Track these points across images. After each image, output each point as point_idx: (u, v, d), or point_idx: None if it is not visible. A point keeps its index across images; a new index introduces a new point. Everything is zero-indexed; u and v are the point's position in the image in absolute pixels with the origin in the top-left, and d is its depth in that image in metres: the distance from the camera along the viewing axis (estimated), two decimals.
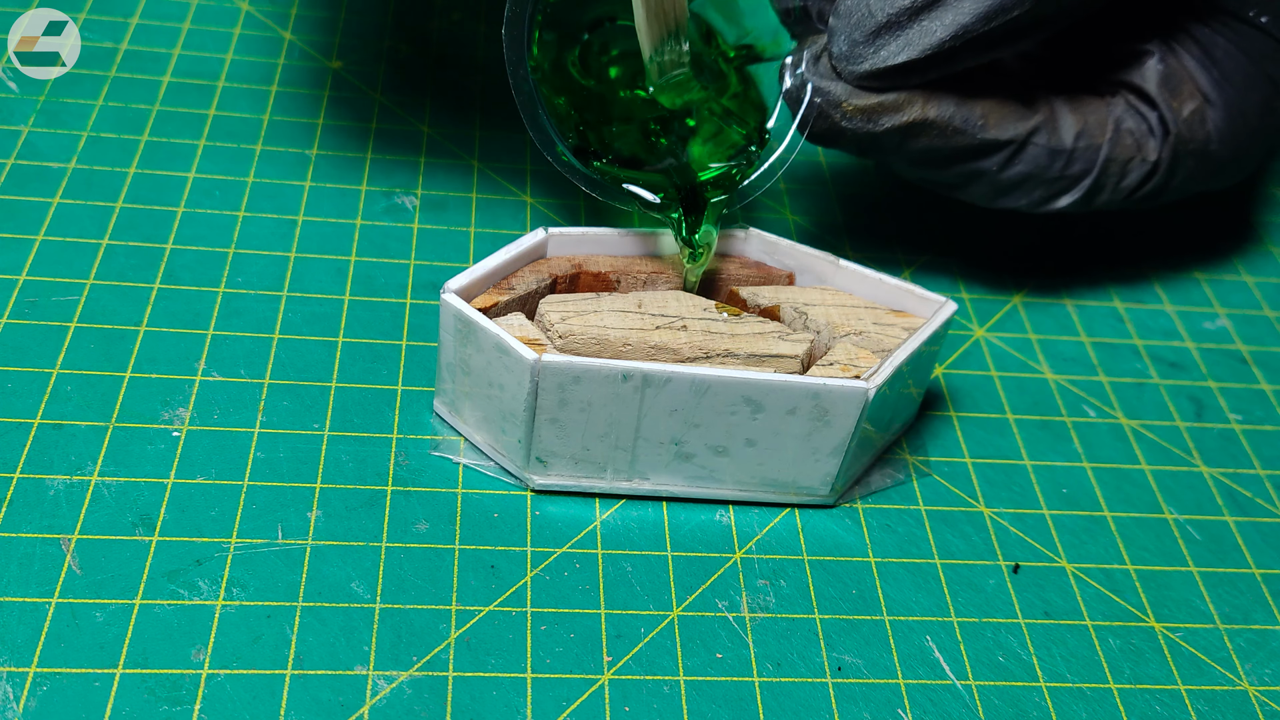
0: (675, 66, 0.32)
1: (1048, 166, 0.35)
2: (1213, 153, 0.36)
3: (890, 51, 0.32)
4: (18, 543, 0.28)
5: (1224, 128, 0.36)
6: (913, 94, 0.33)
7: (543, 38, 0.33)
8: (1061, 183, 0.35)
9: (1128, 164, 0.36)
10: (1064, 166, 0.35)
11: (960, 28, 0.31)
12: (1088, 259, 0.42)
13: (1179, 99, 0.36)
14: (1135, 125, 0.36)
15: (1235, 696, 0.30)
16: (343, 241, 0.37)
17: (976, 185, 0.35)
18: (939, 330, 0.32)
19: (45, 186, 0.37)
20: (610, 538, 0.31)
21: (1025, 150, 0.34)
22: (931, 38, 0.31)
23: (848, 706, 0.28)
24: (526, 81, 0.31)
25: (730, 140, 0.34)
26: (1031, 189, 0.35)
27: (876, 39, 0.32)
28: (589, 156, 0.32)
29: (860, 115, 0.33)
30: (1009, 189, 0.35)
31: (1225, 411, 0.37)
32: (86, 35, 0.43)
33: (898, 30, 0.32)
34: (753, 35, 0.35)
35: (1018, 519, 0.33)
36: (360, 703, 0.27)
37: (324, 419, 0.32)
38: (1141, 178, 0.36)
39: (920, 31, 0.31)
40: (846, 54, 0.32)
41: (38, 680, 0.26)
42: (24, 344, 0.33)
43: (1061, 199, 0.36)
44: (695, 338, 0.31)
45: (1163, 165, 0.36)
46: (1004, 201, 0.36)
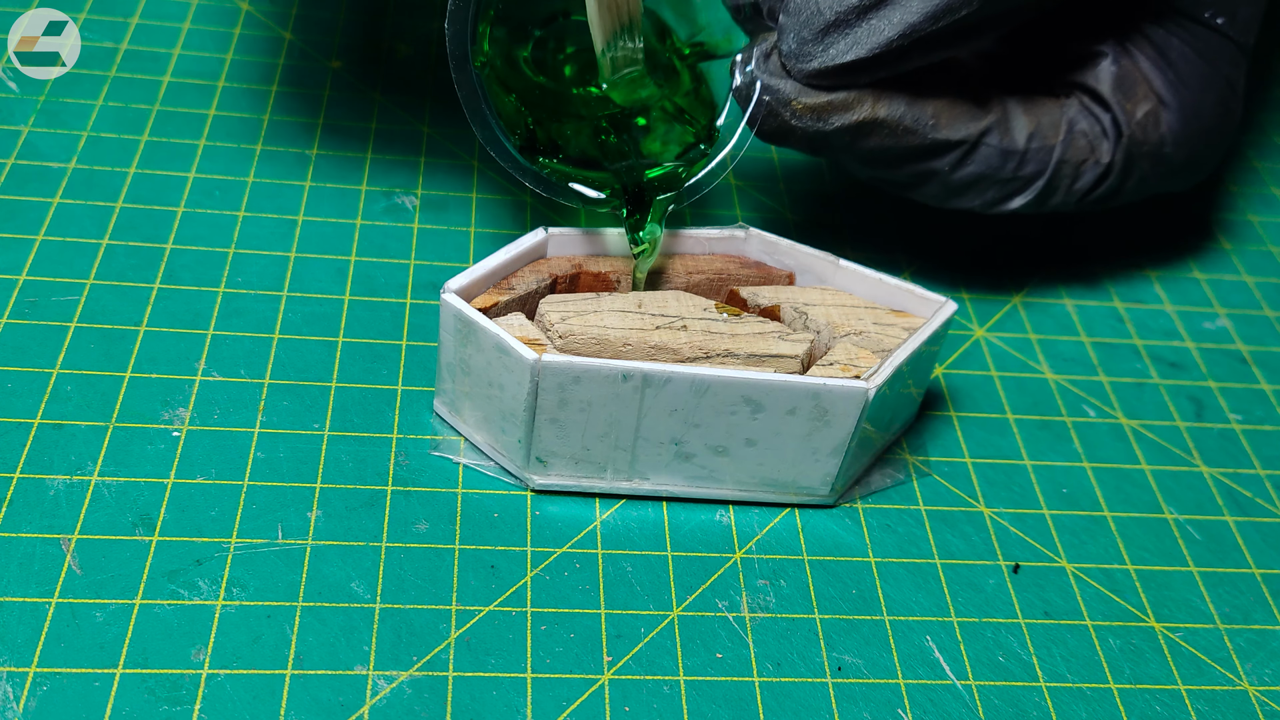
0: (628, 63, 0.32)
1: (1000, 167, 0.35)
2: (1167, 155, 0.36)
3: (839, 50, 0.32)
4: (18, 543, 0.28)
5: (1178, 130, 0.36)
6: (863, 93, 0.33)
7: (494, 34, 0.32)
8: (1014, 184, 0.35)
9: (1081, 166, 0.35)
10: (1016, 167, 0.35)
11: (908, 27, 0.31)
12: (1088, 259, 0.42)
13: (1132, 101, 0.35)
14: (1089, 127, 0.35)
15: (1235, 696, 0.30)
16: (343, 241, 0.37)
17: (928, 185, 0.35)
18: (939, 330, 0.32)
19: (45, 186, 0.37)
20: (610, 538, 0.31)
21: (977, 151, 0.34)
22: (880, 36, 0.31)
23: (848, 706, 0.28)
24: (470, 75, 0.31)
25: (680, 138, 0.34)
26: (984, 190, 0.35)
27: (825, 37, 0.32)
28: (536, 153, 0.32)
29: (810, 114, 0.32)
30: (961, 189, 0.35)
31: (1225, 411, 0.37)
32: (86, 35, 0.43)
33: (846, 29, 0.31)
34: (705, 32, 0.34)
35: (1018, 519, 0.33)
36: (360, 703, 0.27)
37: (324, 419, 0.32)
38: (1095, 179, 0.36)
39: (868, 30, 0.31)
40: (795, 52, 0.32)
41: (38, 680, 0.26)
42: (24, 344, 0.33)
43: (1014, 200, 0.36)
44: (695, 338, 0.31)
45: (1116, 167, 0.36)
46: (956, 202, 0.36)
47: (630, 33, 0.32)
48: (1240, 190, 0.46)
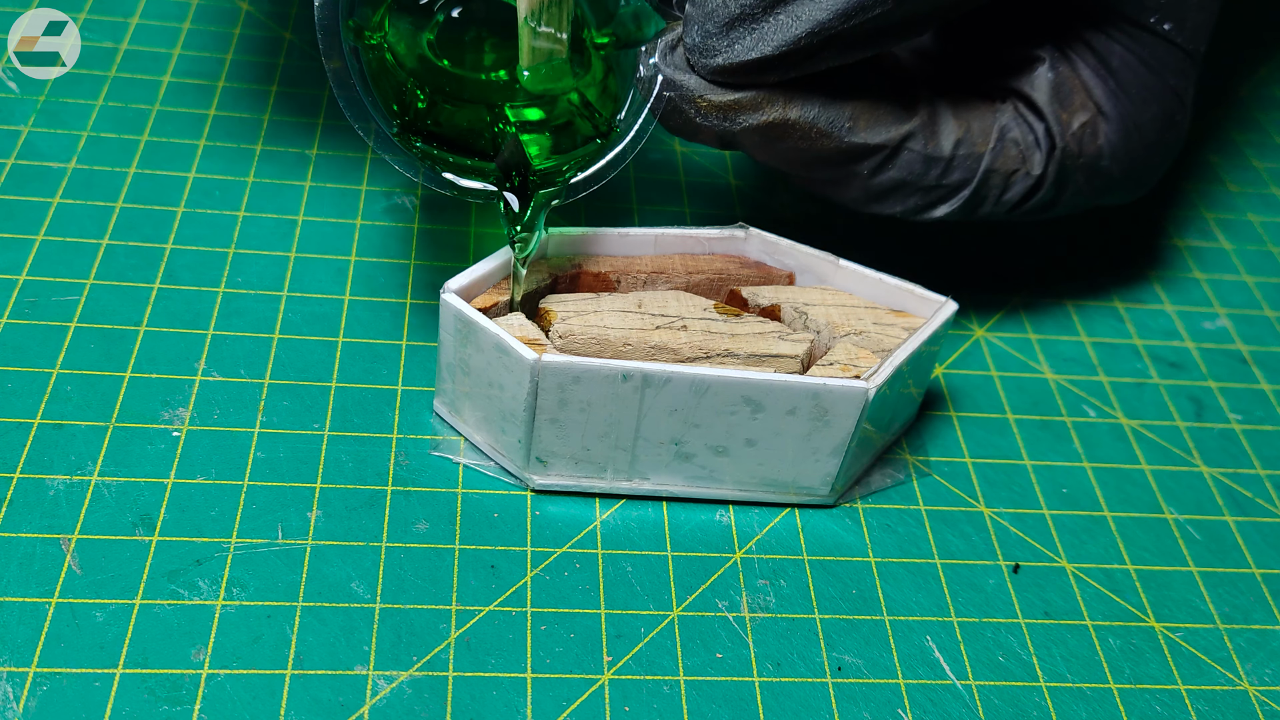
0: (551, 41, 0.30)
1: (923, 174, 0.33)
2: (1104, 168, 0.34)
3: (744, 46, 0.29)
4: (18, 543, 0.28)
5: (1117, 142, 0.34)
6: (773, 92, 0.30)
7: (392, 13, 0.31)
8: (939, 191, 0.33)
9: (1010, 176, 0.34)
10: (941, 175, 0.33)
11: (817, 24, 0.29)
12: (1088, 259, 0.42)
13: (1069, 111, 0.34)
14: (1021, 136, 0.34)
15: (1235, 696, 0.30)
16: (343, 241, 0.37)
17: (848, 189, 0.33)
18: (939, 330, 0.32)
19: (45, 186, 0.37)
20: (610, 538, 0.31)
21: (899, 156, 0.32)
22: (787, 33, 0.29)
23: (848, 706, 0.28)
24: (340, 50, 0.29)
25: (577, 131, 0.31)
26: (906, 196, 0.33)
27: (730, 31, 0.29)
28: (416, 136, 0.30)
29: (715, 112, 0.30)
30: (882, 195, 0.33)
31: (1225, 411, 0.37)
32: (86, 35, 0.43)
33: (751, 23, 0.29)
34: (618, 19, 0.32)
35: (1018, 519, 0.33)
36: (360, 703, 0.27)
37: (324, 419, 0.32)
38: (1025, 191, 0.34)
39: (775, 26, 0.29)
40: (700, 46, 0.30)
41: (38, 680, 0.26)
42: (24, 344, 0.33)
43: (939, 208, 0.34)
44: (695, 338, 0.31)
45: (1049, 180, 0.34)
46: (877, 208, 0.34)
47: (559, 5, 0.29)
48: (1240, 190, 0.46)
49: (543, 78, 0.30)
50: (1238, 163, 0.48)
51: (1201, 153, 0.48)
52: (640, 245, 0.34)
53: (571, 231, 0.33)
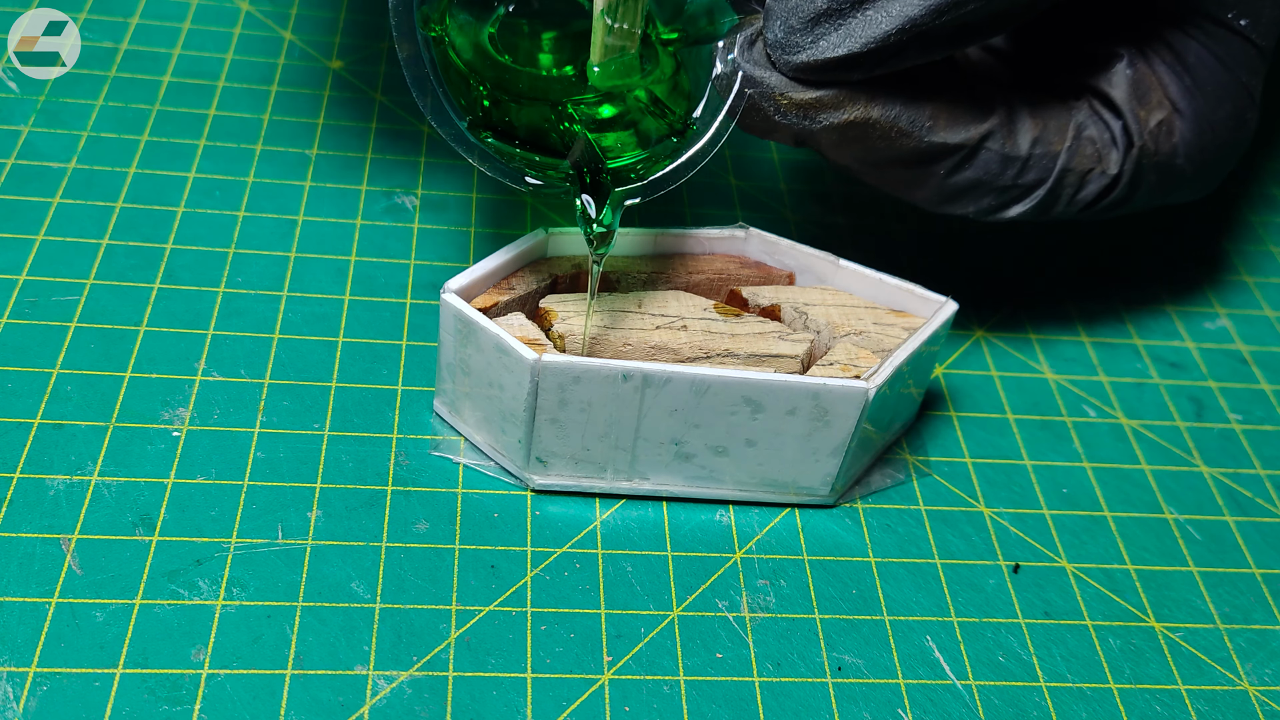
0: (625, 36, 0.29)
1: (999, 174, 0.32)
2: (1178, 166, 0.34)
3: (830, 43, 0.29)
4: (18, 543, 0.28)
5: (1191, 140, 0.33)
6: (855, 90, 0.30)
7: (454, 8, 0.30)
8: (1014, 191, 0.33)
9: (1086, 175, 0.33)
10: (1017, 175, 0.32)
11: (907, 20, 0.28)
12: (1088, 259, 0.42)
13: (1146, 108, 0.33)
14: (1098, 134, 0.33)
15: (1235, 696, 0.30)
16: (343, 241, 0.37)
17: (922, 189, 0.33)
18: (939, 330, 0.32)
19: (45, 186, 0.37)
20: (610, 538, 0.31)
21: (977, 156, 0.32)
22: (876, 29, 0.28)
23: (848, 706, 0.28)
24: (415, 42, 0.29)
25: (650, 128, 0.31)
26: (980, 196, 0.33)
27: (815, 27, 0.29)
28: (486, 131, 0.30)
29: (796, 110, 0.30)
30: (956, 195, 0.33)
31: (1225, 411, 0.37)
32: (86, 35, 0.43)
33: (839, 19, 0.29)
34: (688, 14, 0.31)
35: (1018, 519, 0.33)
36: (360, 703, 0.27)
37: (324, 419, 0.32)
38: (1100, 191, 0.33)
39: (863, 22, 0.28)
40: (782, 42, 0.29)
41: (38, 680, 0.26)
42: (24, 344, 0.33)
43: (1012, 208, 0.33)
44: (695, 338, 0.31)
45: (1124, 179, 0.33)
46: (950, 208, 0.33)
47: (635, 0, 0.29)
48: (1240, 190, 0.46)
49: (612, 74, 0.30)
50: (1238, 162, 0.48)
51: None
52: (640, 245, 0.34)
53: (572, 231, 0.33)
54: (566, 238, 0.33)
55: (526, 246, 0.32)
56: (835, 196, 0.42)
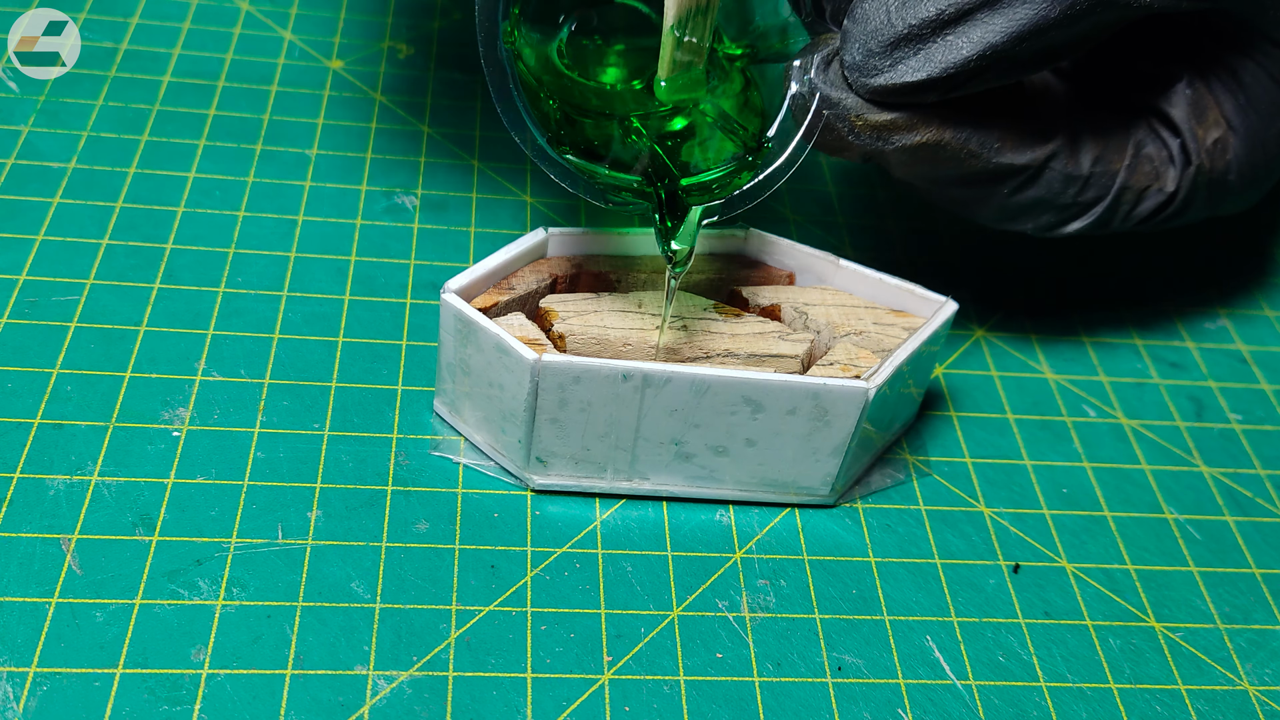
0: (693, 51, 0.29)
1: (1061, 192, 0.32)
2: (1229, 182, 0.34)
3: (909, 67, 0.29)
4: (18, 543, 0.28)
5: (1244, 157, 0.34)
6: (928, 113, 0.30)
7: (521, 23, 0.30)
8: (1074, 209, 0.33)
9: (1144, 192, 0.33)
10: (1078, 192, 0.33)
11: (988, 46, 0.28)
12: (1088, 259, 0.42)
13: (1204, 127, 0.33)
14: (1155, 152, 0.33)
15: (1235, 696, 0.30)
16: (343, 241, 0.37)
17: (985, 207, 0.33)
18: (939, 330, 0.32)
19: (45, 186, 0.37)
20: (610, 538, 0.31)
21: (1041, 175, 0.32)
22: (956, 55, 0.29)
23: (848, 706, 0.28)
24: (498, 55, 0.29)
25: (723, 145, 0.31)
26: (1041, 214, 0.33)
27: (894, 51, 0.29)
28: (565, 147, 0.30)
29: (870, 131, 0.30)
30: (1019, 213, 0.33)
31: (1225, 411, 0.37)
32: (86, 35, 0.43)
33: (919, 44, 0.29)
34: (759, 32, 0.32)
35: (1018, 519, 0.33)
36: (360, 703, 0.27)
37: (324, 419, 0.32)
38: (1156, 207, 0.34)
39: (944, 48, 0.29)
40: (860, 64, 0.29)
41: (38, 680, 0.26)
42: (24, 344, 0.33)
43: (1071, 225, 0.34)
44: (695, 338, 0.31)
45: (1180, 195, 0.34)
46: (1011, 225, 0.34)
47: (705, 13, 0.29)
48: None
49: (679, 88, 0.30)
50: None
51: None
52: (640, 245, 0.34)
53: (571, 231, 0.33)
54: (567, 238, 0.33)
55: (526, 246, 0.32)
56: (835, 196, 0.42)
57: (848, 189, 0.43)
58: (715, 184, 0.30)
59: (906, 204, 0.42)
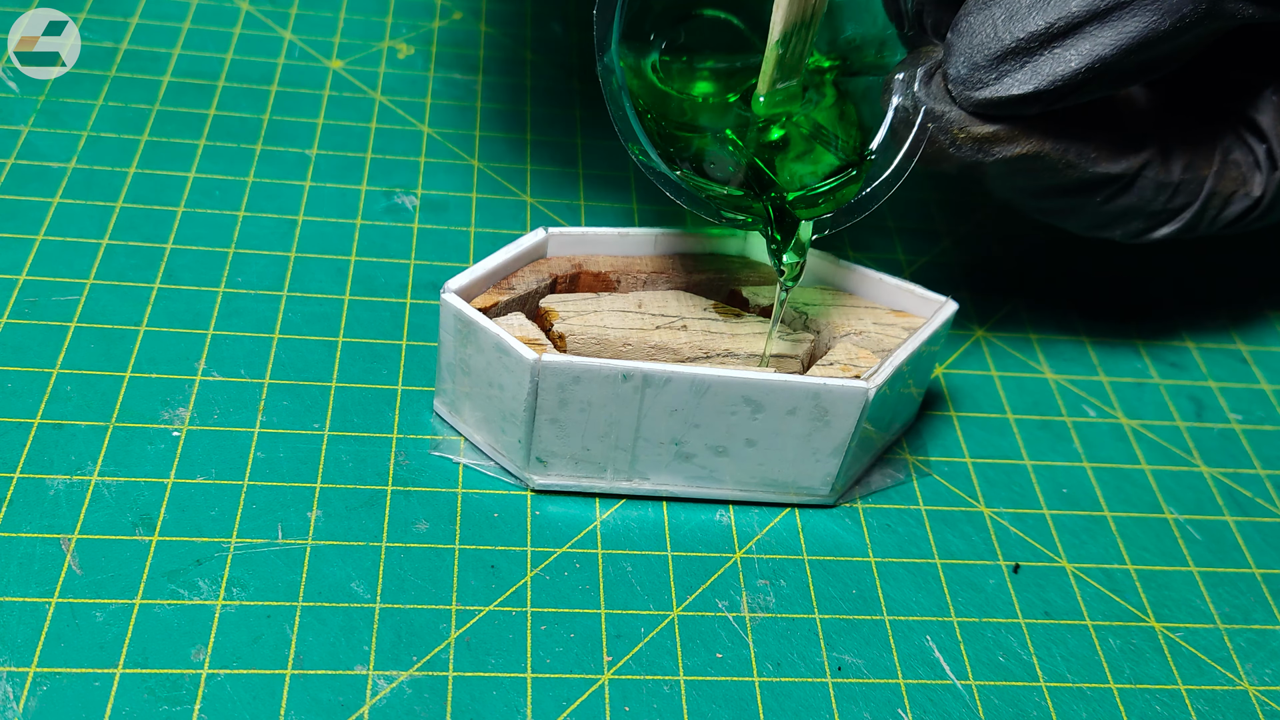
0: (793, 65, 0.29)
1: (1153, 200, 0.33)
2: None
3: (1016, 80, 0.29)
4: (18, 543, 0.28)
5: None
6: (1030, 124, 0.30)
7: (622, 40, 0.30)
8: (1163, 215, 0.33)
9: (1230, 197, 0.34)
10: (1168, 199, 0.33)
11: (1097, 59, 0.29)
12: (1088, 258, 0.42)
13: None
14: (1242, 157, 0.34)
15: (1235, 696, 0.30)
16: (343, 241, 0.37)
17: (1078, 216, 0.33)
18: (939, 330, 0.32)
19: (45, 186, 0.37)
20: (610, 538, 0.31)
21: (1135, 184, 0.32)
22: (1065, 68, 0.29)
23: (848, 706, 0.28)
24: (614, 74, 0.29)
25: (822, 158, 0.31)
26: (1131, 220, 0.33)
27: (1000, 64, 0.29)
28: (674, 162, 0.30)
29: (972, 144, 0.30)
30: (1111, 220, 0.33)
31: (1225, 411, 0.37)
32: (86, 35, 0.43)
33: (1026, 57, 0.29)
34: (852, 45, 0.32)
35: (1018, 519, 0.33)
36: (360, 703, 0.27)
37: (324, 419, 0.32)
38: (1242, 211, 0.34)
39: (1052, 60, 0.29)
40: (965, 78, 0.29)
41: (38, 680, 0.26)
42: (24, 344, 0.33)
43: (1160, 230, 0.34)
44: (695, 338, 0.31)
45: (1266, 199, 0.34)
46: (1102, 232, 0.34)
47: (809, 26, 0.29)
48: None
49: (777, 102, 0.30)
50: None
51: None
52: (640, 245, 0.34)
53: (571, 231, 0.33)
54: (567, 238, 0.33)
55: (526, 246, 0.32)
56: None
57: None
58: (821, 198, 0.30)
59: (906, 204, 0.42)
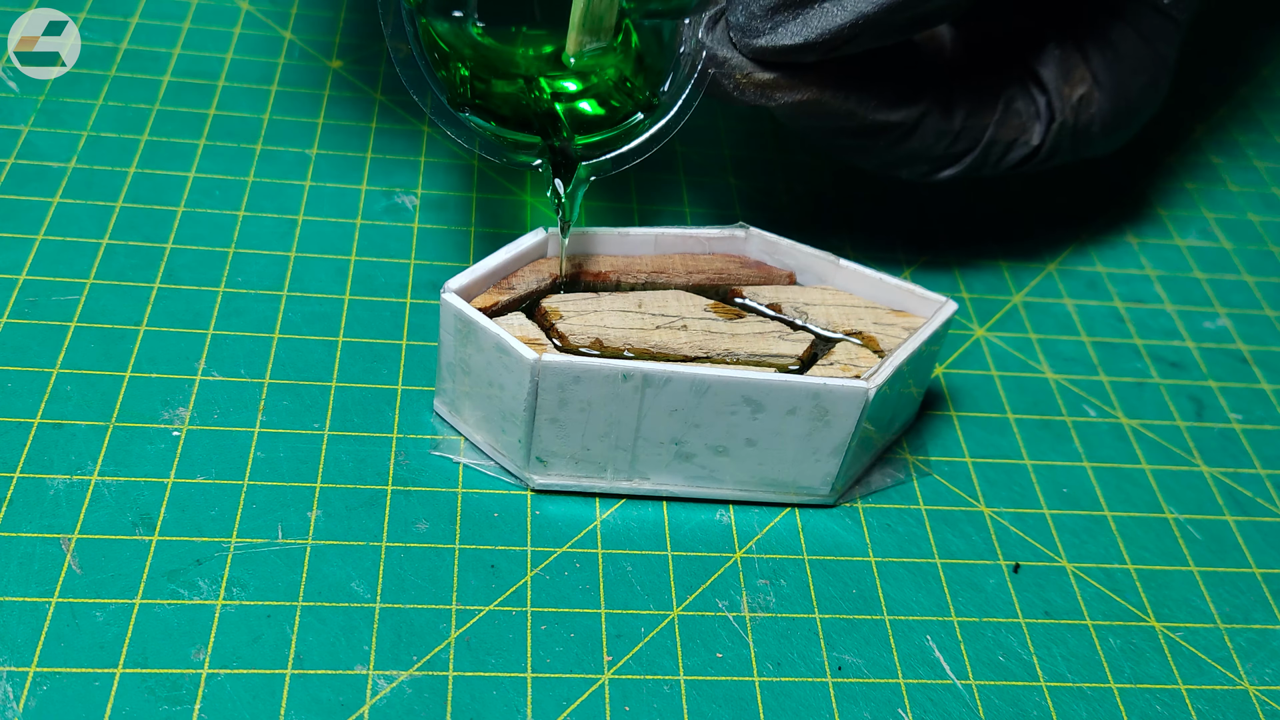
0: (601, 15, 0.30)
1: (934, 145, 0.35)
2: (1093, 133, 0.36)
3: (789, 31, 0.30)
4: (18, 543, 0.28)
5: (1107, 110, 0.36)
6: (808, 73, 0.31)
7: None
8: (946, 159, 0.35)
9: (1011, 144, 0.36)
10: (949, 144, 0.35)
11: (860, 15, 0.30)
12: (1088, 258, 0.42)
13: (1070, 85, 0.35)
14: (1024, 107, 0.35)
15: (1235, 696, 0.30)
16: (343, 241, 0.37)
17: (866, 156, 0.35)
18: (939, 330, 0.32)
19: (45, 186, 0.37)
20: (610, 537, 0.31)
21: (916, 131, 0.34)
22: (832, 21, 0.30)
23: (848, 706, 0.28)
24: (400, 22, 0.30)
25: (617, 104, 0.32)
26: (917, 163, 0.35)
27: (775, 15, 0.30)
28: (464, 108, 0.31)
29: (754, 89, 0.31)
30: (897, 163, 0.35)
31: (1225, 411, 0.37)
32: (86, 35, 0.43)
33: (797, 9, 0.30)
34: None
35: (1018, 519, 0.33)
36: (360, 703, 0.27)
37: (324, 419, 0.32)
38: (1022, 157, 0.36)
39: (820, 14, 0.30)
40: (744, 25, 0.30)
41: (38, 680, 0.26)
42: (24, 344, 0.33)
43: (944, 172, 0.36)
44: (695, 337, 0.31)
45: (1045, 147, 0.36)
46: (892, 171, 0.36)
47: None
48: (1241, 190, 0.46)
49: (589, 52, 0.31)
50: (1239, 163, 0.48)
51: (1203, 153, 0.48)
52: (640, 245, 0.34)
53: (572, 231, 0.33)
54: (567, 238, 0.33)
55: (526, 246, 0.32)
56: (835, 197, 0.42)
57: (848, 189, 0.43)
58: (605, 142, 0.31)
59: (907, 203, 0.42)
